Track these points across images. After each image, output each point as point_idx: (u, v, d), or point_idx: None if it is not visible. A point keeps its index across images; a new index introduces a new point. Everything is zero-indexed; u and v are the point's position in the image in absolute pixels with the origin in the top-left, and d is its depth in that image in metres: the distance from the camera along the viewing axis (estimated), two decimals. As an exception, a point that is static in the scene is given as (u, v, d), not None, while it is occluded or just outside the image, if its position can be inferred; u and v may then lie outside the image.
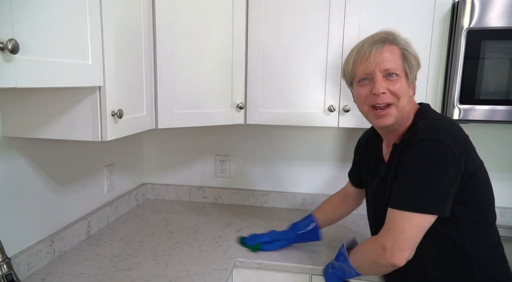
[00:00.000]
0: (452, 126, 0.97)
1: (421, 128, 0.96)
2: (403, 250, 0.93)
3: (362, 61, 1.01)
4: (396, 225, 0.94)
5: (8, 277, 0.96)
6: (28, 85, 0.74)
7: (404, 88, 0.99)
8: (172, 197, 2.00)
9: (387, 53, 0.98)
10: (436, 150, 0.91)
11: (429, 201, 0.91)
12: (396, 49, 1.00)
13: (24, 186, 1.19)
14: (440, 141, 0.91)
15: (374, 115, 1.02)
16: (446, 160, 0.90)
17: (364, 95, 1.03)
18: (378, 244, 0.97)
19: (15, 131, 1.09)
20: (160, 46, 1.29)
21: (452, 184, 0.92)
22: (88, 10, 0.93)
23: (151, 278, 1.18)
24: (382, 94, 0.98)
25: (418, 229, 0.93)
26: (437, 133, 0.93)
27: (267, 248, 1.38)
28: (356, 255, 1.09)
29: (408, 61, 1.00)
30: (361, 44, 1.03)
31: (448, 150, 0.90)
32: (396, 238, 0.93)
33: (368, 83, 1.01)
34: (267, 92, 1.52)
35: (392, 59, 0.98)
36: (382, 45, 0.99)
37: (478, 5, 1.29)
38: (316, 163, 1.86)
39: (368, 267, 1.04)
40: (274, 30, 1.48)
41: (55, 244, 1.29)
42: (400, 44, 1.01)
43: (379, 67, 0.98)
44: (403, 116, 1.02)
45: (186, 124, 1.40)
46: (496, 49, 1.31)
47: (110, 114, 1.04)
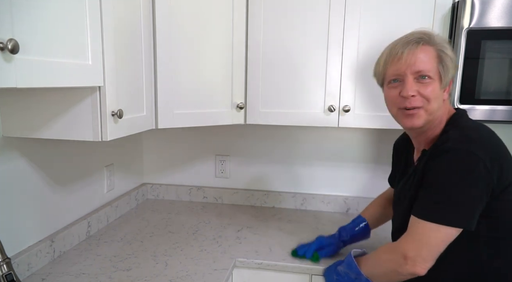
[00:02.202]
0: (486, 136, 0.93)
1: (452, 137, 0.92)
2: (426, 261, 0.91)
3: (394, 62, 0.98)
4: (420, 235, 0.92)
5: (8, 277, 0.96)
6: (28, 85, 0.74)
7: (436, 91, 0.95)
8: (172, 197, 2.00)
9: (421, 54, 0.94)
10: (466, 160, 0.87)
11: (457, 214, 0.89)
12: (431, 50, 0.95)
13: (24, 186, 1.19)
14: (470, 151, 0.87)
15: (403, 115, 0.99)
16: (476, 172, 0.86)
17: (393, 97, 1.00)
18: (399, 253, 0.94)
19: (15, 131, 1.09)
20: (160, 46, 1.29)
21: (481, 198, 0.88)
22: (88, 10, 0.93)
23: (151, 278, 1.18)
24: (411, 97, 0.95)
25: (442, 242, 0.91)
26: (468, 143, 0.89)
27: (324, 254, 1.31)
28: (369, 262, 1.07)
29: (444, 63, 0.95)
30: (394, 44, 1.00)
31: (479, 161, 0.86)
32: (419, 248, 0.91)
33: (398, 85, 0.98)
34: (267, 92, 1.52)
35: (426, 61, 0.94)
36: (416, 45, 0.95)
37: (478, 5, 1.29)
38: (316, 163, 1.86)
39: (385, 276, 1.01)
40: (274, 30, 1.48)
41: (55, 244, 1.29)
42: (436, 44, 0.96)
43: (410, 69, 0.95)
44: (434, 120, 0.98)
45: (186, 124, 1.40)
46: (496, 49, 1.30)
47: (110, 114, 1.04)
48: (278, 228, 1.62)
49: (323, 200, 1.86)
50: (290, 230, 1.59)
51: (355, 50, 1.43)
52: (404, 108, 0.97)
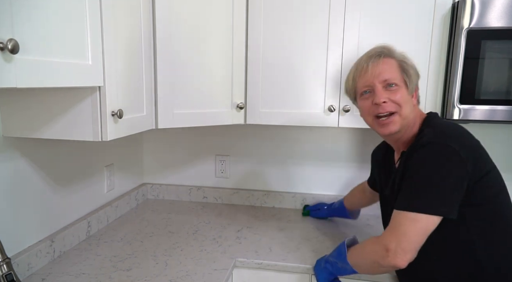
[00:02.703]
0: (459, 131, 0.98)
1: (427, 133, 0.98)
2: (406, 252, 0.93)
3: (361, 75, 1.06)
4: (400, 226, 0.94)
5: (8, 277, 0.96)
6: (28, 85, 0.74)
7: (405, 97, 1.03)
8: (172, 197, 2.00)
9: (384, 65, 1.03)
10: (441, 152, 0.92)
11: (433, 201, 0.92)
12: (392, 61, 1.04)
13: (24, 186, 1.19)
14: (445, 143, 0.92)
15: (379, 124, 1.05)
16: (452, 162, 0.91)
17: (367, 107, 1.07)
18: (381, 245, 0.97)
19: (15, 131, 1.09)
20: (160, 46, 1.29)
21: (458, 186, 0.92)
22: (88, 10, 0.93)
23: (151, 278, 1.18)
24: (383, 104, 1.02)
25: (422, 231, 0.93)
26: (443, 136, 0.95)
27: (312, 214, 1.75)
28: (355, 253, 1.10)
29: (406, 71, 1.04)
30: (358, 61, 1.09)
31: (453, 152, 0.91)
32: (400, 240, 0.93)
33: (369, 95, 1.06)
34: (267, 92, 1.52)
35: (390, 70, 1.03)
36: (378, 58, 1.04)
37: (478, 5, 1.29)
38: (316, 163, 1.86)
39: (367, 266, 1.05)
40: (274, 31, 1.48)
41: (55, 244, 1.29)
42: (396, 56, 1.05)
43: (377, 79, 1.03)
44: (408, 123, 1.04)
45: (186, 124, 1.40)
46: (496, 49, 1.30)
47: (110, 114, 1.04)
48: (278, 228, 1.62)
49: (323, 200, 1.86)
50: (290, 230, 1.59)
51: (355, 50, 1.43)
52: (378, 117, 1.04)
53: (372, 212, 1.81)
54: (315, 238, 1.52)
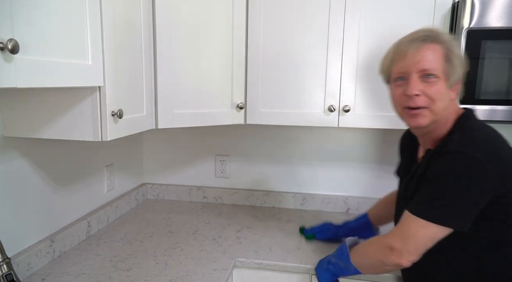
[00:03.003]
0: (491, 139, 0.91)
1: (455, 139, 0.91)
2: (411, 254, 0.93)
3: (399, 60, 0.97)
4: (409, 229, 0.93)
5: (8, 277, 0.96)
6: (28, 85, 0.74)
7: (442, 91, 0.93)
8: (172, 197, 2.00)
9: (427, 52, 0.93)
10: (465, 163, 0.86)
11: (448, 214, 0.89)
12: (438, 48, 0.93)
13: (24, 186, 1.19)
14: (470, 154, 0.86)
15: (408, 114, 0.98)
16: (474, 175, 0.86)
17: (398, 95, 0.99)
18: (386, 244, 0.96)
19: (15, 131, 1.09)
20: (160, 46, 1.29)
21: (477, 201, 0.88)
22: (88, 10, 0.93)
23: (151, 278, 1.18)
24: (415, 97, 0.94)
25: (430, 238, 0.91)
26: (470, 146, 0.88)
27: (318, 236, 1.47)
28: (358, 252, 1.09)
29: (450, 61, 0.93)
30: (400, 42, 0.99)
31: (478, 165, 0.85)
32: (406, 241, 0.92)
33: (403, 83, 0.97)
34: (267, 92, 1.51)
35: (432, 59, 0.92)
36: (422, 43, 0.93)
37: (478, 5, 1.29)
38: (316, 163, 1.86)
39: (371, 266, 1.04)
40: (274, 31, 1.48)
41: (55, 244, 1.29)
42: (444, 42, 0.94)
43: (415, 67, 0.93)
44: (440, 120, 0.97)
45: (186, 124, 1.40)
46: (496, 49, 1.30)
47: (110, 114, 1.04)
48: (278, 228, 1.62)
49: (323, 200, 1.86)
50: (290, 230, 1.59)
51: (355, 50, 1.43)
52: (408, 108, 0.96)
53: (372, 212, 1.82)
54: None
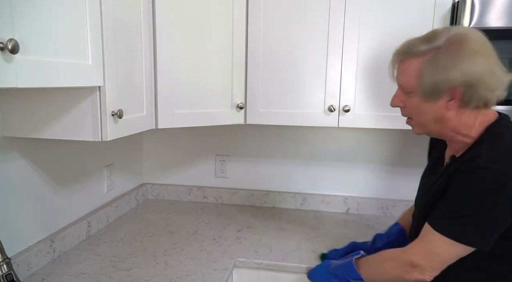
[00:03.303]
0: None
1: (485, 153, 0.86)
2: (435, 270, 0.90)
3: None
4: (433, 247, 0.90)
5: (8, 277, 0.96)
6: (28, 85, 0.74)
7: (418, 105, 0.92)
8: (172, 197, 2.00)
9: (400, 68, 0.94)
10: (494, 181, 0.83)
11: (476, 234, 0.86)
12: (412, 64, 0.90)
13: (24, 186, 1.19)
14: (501, 172, 0.82)
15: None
16: (504, 194, 0.82)
17: None
18: (407, 261, 0.93)
19: (15, 131, 1.09)
20: (160, 46, 1.29)
21: (504, 221, 0.85)
22: (88, 10, 0.93)
23: (151, 278, 1.18)
24: (400, 107, 0.98)
25: (454, 256, 0.89)
26: (501, 162, 0.83)
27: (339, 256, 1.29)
28: (371, 268, 1.05)
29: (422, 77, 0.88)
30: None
31: (508, 183, 0.82)
32: (430, 259, 0.90)
33: None
34: (267, 92, 1.51)
35: (403, 75, 0.93)
36: (396, 58, 0.95)
37: (478, 5, 1.29)
38: (316, 163, 1.86)
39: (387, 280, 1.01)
40: (274, 31, 1.47)
41: (55, 244, 1.29)
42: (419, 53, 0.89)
43: (397, 81, 0.96)
44: (444, 132, 0.94)
45: (186, 124, 1.40)
46: (496, 49, 1.30)
47: (110, 114, 1.04)
48: (278, 228, 1.62)
49: (323, 200, 1.86)
50: (290, 230, 1.59)
51: (355, 50, 1.43)
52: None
53: (372, 212, 1.82)
54: (315, 238, 1.52)
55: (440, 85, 0.87)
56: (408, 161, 1.78)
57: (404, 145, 1.77)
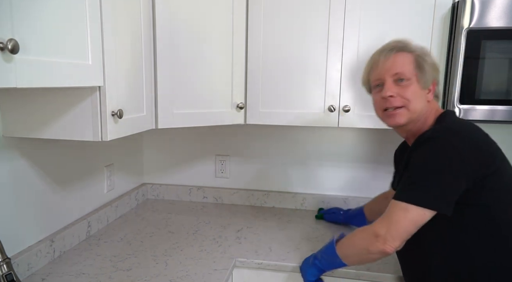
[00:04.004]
0: (468, 129, 0.98)
1: (433, 129, 0.98)
2: (395, 239, 0.95)
3: (374, 69, 1.08)
4: (392, 215, 0.97)
5: (8, 277, 0.96)
6: (28, 85, 0.74)
7: (416, 92, 1.03)
8: (172, 197, 2.00)
9: (396, 58, 1.04)
10: (442, 147, 0.93)
11: (426, 195, 0.93)
12: (406, 55, 1.04)
13: (24, 186, 1.19)
14: (446, 139, 0.93)
15: (386, 115, 1.07)
16: (451, 158, 0.91)
17: (377, 100, 1.09)
18: (371, 232, 1.00)
19: (15, 131, 1.09)
20: (160, 46, 1.29)
21: (454, 183, 0.92)
22: (88, 10, 0.93)
23: (151, 278, 1.18)
24: (390, 98, 1.03)
25: (412, 222, 0.94)
26: (447, 132, 0.95)
27: (325, 217, 1.70)
28: (344, 243, 1.11)
29: (420, 66, 1.02)
30: (373, 54, 1.10)
31: (455, 148, 0.91)
32: (390, 227, 0.96)
33: (380, 89, 1.07)
34: (267, 92, 1.52)
35: (401, 64, 1.03)
36: (390, 52, 1.05)
37: (478, 5, 1.29)
38: (316, 163, 1.86)
39: (356, 254, 1.06)
40: (274, 30, 1.48)
41: (55, 244, 1.29)
42: (411, 50, 1.04)
43: (388, 73, 1.04)
44: (418, 118, 1.05)
45: (186, 124, 1.40)
46: (496, 49, 1.30)
47: (110, 114, 1.04)
48: (278, 228, 1.62)
49: (323, 200, 1.86)
50: (290, 230, 1.59)
51: (355, 50, 1.43)
52: (386, 109, 1.06)
53: (372, 212, 1.82)
54: (315, 238, 1.52)
55: (432, 76, 1.05)
56: (408, 161, 1.78)
57: (404, 145, 1.77)
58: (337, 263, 1.11)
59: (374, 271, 1.24)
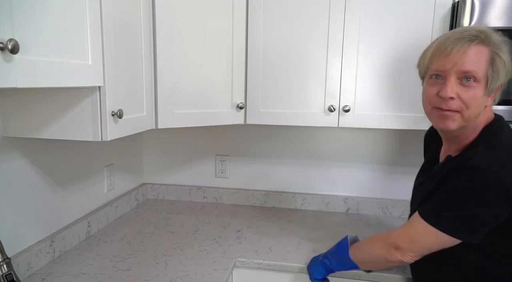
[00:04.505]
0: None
1: (480, 154, 0.88)
2: (416, 255, 0.96)
3: (440, 57, 0.90)
4: (417, 234, 0.95)
5: (8, 277, 0.96)
6: (28, 85, 0.74)
7: (478, 97, 0.88)
8: (172, 197, 2.00)
9: (472, 53, 0.86)
10: (486, 180, 0.85)
11: (460, 226, 0.89)
12: (484, 51, 0.87)
13: (24, 186, 1.19)
14: (493, 173, 0.84)
15: (437, 115, 0.93)
16: (493, 193, 0.84)
17: (431, 94, 0.94)
18: (390, 242, 0.99)
19: (15, 131, 1.09)
20: (160, 46, 1.29)
21: (492, 218, 0.87)
22: (88, 10, 0.93)
23: (151, 278, 1.18)
24: (449, 100, 0.89)
25: (436, 245, 0.94)
26: (493, 164, 0.85)
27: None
28: (359, 248, 1.10)
29: (495, 67, 0.87)
30: (446, 38, 0.91)
31: (499, 184, 0.83)
32: (412, 244, 0.95)
33: (439, 82, 0.92)
34: (267, 92, 1.51)
35: (476, 61, 0.86)
36: (469, 43, 0.87)
37: (478, 5, 1.29)
38: (316, 163, 1.86)
39: (373, 262, 1.06)
40: (274, 30, 1.47)
41: (55, 244, 1.29)
42: (492, 45, 0.88)
43: (456, 68, 0.88)
44: (469, 126, 0.92)
45: (186, 124, 1.40)
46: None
47: (110, 114, 1.04)
48: (278, 228, 1.62)
49: (323, 200, 1.86)
50: (290, 230, 1.59)
51: (355, 49, 1.43)
52: (439, 108, 0.92)
53: (372, 212, 1.82)
54: (315, 238, 1.52)
55: (502, 80, 0.90)
56: (407, 160, 1.78)
57: (404, 145, 1.77)
58: (350, 266, 1.10)
59: (374, 271, 1.24)
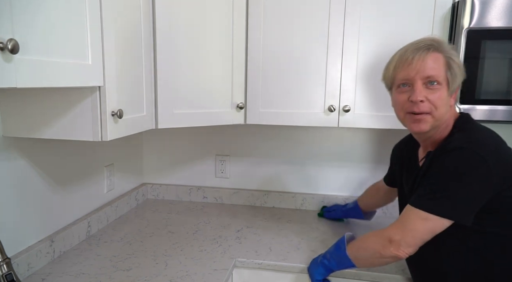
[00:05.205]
0: (492, 139, 0.95)
1: (458, 138, 0.95)
2: (410, 246, 0.96)
3: (404, 67, 1.00)
4: (409, 222, 0.96)
5: (8, 277, 0.96)
6: (28, 85, 0.74)
7: (444, 97, 0.97)
8: (172, 197, 2.00)
9: (430, 60, 0.97)
10: (469, 159, 0.89)
11: (448, 206, 0.91)
12: (440, 57, 0.97)
13: (24, 186, 1.19)
14: (474, 151, 0.89)
15: (411, 119, 1.01)
16: (478, 171, 0.89)
17: (402, 101, 1.02)
18: (385, 236, 0.99)
19: (15, 131, 1.09)
20: (160, 46, 1.29)
21: (478, 196, 0.90)
22: (88, 10, 0.93)
23: (151, 278, 1.18)
24: (420, 102, 0.97)
25: (429, 230, 0.94)
26: (474, 143, 0.91)
27: (326, 215, 1.73)
28: (355, 245, 1.11)
29: (452, 70, 0.97)
30: (404, 50, 1.01)
31: (482, 161, 0.88)
32: (405, 234, 0.95)
33: (407, 89, 1.00)
34: (267, 92, 1.51)
35: (435, 67, 0.96)
36: (426, 52, 0.97)
37: (478, 5, 1.29)
38: (316, 163, 1.86)
39: (368, 258, 1.06)
40: (274, 30, 1.47)
41: (55, 244, 1.29)
42: (445, 51, 0.98)
43: (420, 74, 0.97)
44: (440, 125, 1.01)
45: (186, 124, 1.40)
46: (496, 49, 1.30)
47: (110, 114, 1.04)
48: (278, 228, 1.62)
49: (323, 200, 1.86)
50: (290, 230, 1.59)
51: (355, 49, 1.43)
52: (412, 113, 0.99)
53: (372, 212, 1.82)
54: (315, 238, 1.52)
55: (460, 81, 1.01)
56: (408, 161, 1.78)
57: (404, 145, 1.77)
58: (347, 264, 1.10)
59: (375, 271, 1.24)
